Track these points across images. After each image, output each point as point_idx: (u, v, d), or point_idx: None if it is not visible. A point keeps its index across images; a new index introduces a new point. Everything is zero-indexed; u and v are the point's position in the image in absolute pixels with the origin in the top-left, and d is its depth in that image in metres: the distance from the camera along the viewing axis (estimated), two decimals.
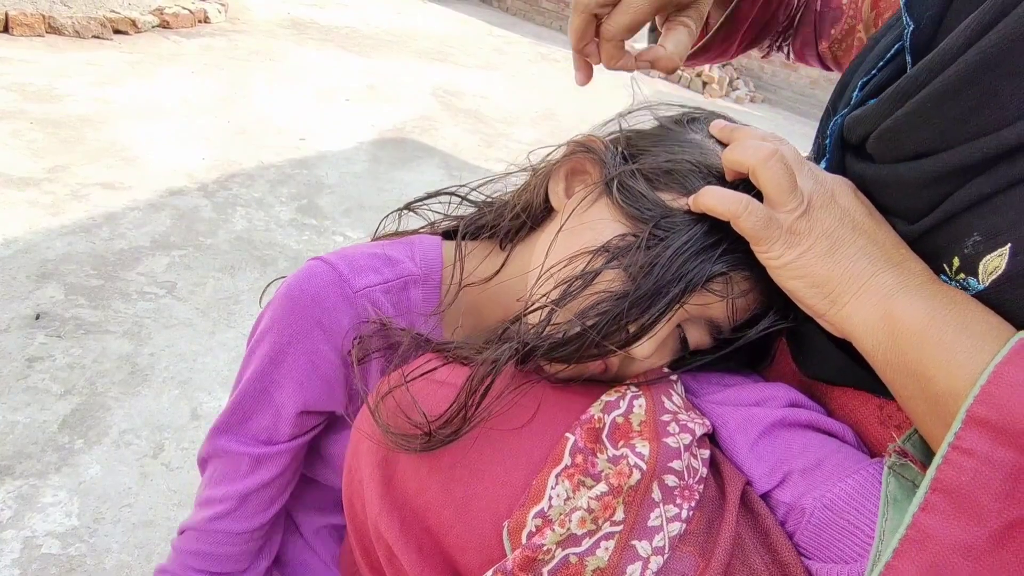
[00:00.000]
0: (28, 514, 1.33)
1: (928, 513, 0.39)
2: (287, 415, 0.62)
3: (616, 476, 0.47)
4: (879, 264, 0.48)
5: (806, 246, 0.49)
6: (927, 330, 0.44)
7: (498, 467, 0.49)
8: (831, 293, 0.49)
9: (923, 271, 0.48)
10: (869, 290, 0.47)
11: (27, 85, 2.88)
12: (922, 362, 0.43)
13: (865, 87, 0.58)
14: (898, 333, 0.45)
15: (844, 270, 0.48)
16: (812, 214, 0.50)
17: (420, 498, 0.50)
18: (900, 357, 0.45)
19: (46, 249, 2.00)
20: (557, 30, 7.69)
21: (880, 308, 0.46)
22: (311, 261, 0.63)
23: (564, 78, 5.69)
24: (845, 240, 0.49)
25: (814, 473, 0.50)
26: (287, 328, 0.60)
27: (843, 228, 0.50)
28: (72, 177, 2.37)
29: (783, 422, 0.53)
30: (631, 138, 0.63)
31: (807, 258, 0.49)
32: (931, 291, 0.46)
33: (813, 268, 0.49)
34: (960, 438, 0.38)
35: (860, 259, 0.48)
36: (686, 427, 0.52)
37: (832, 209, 0.50)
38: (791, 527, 0.49)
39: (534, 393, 0.55)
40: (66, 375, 1.64)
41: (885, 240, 0.50)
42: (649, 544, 0.46)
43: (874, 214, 0.52)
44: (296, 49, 4.40)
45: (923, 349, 0.43)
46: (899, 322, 0.45)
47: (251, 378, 0.62)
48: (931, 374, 0.43)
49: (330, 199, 2.77)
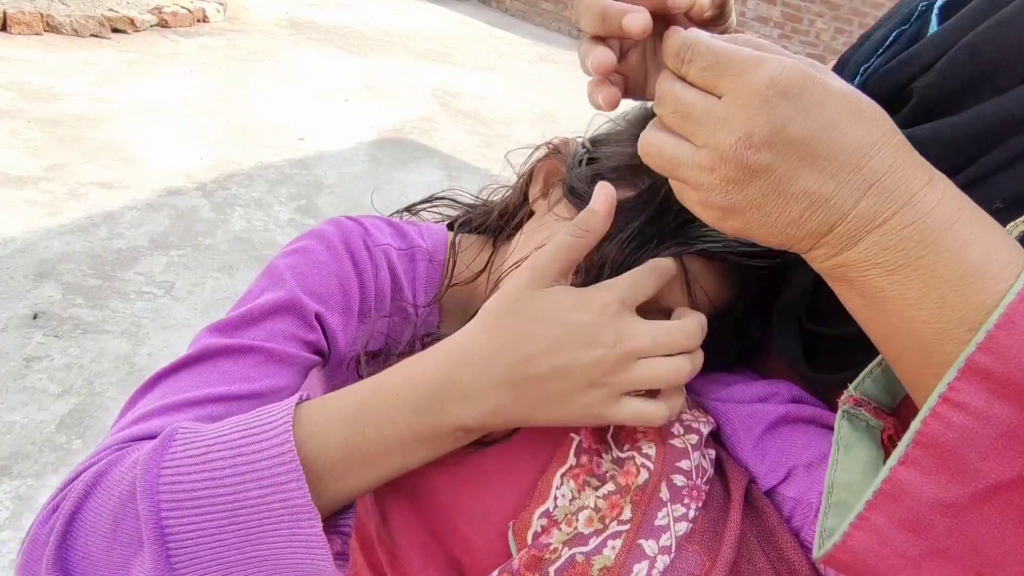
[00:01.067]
0: (26, 514, 1.33)
1: (908, 467, 0.35)
2: (307, 315, 0.56)
3: (624, 476, 0.47)
4: (835, 216, 0.37)
5: (741, 220, 0.39)
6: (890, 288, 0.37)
7: (503, 468, 0.49)
8: (794, 247, 0.40)
9: (896, 192, 0.37)
10: (828, 244, 0.38)
11: (25, 84, 2.88)
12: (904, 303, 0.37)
13: (865, 73, 0.57)
14: (866, 294, 0.38)
15: (797, 227, 0.38)
16: (737, 189, 0.38)
17: (424, 499, 0.49)
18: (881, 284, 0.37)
19: (44, 249, 2.00)
20: (556, 31, 7.69)
21: (836, 264, 0.38)
22: (327, 220, 0.63)
23: (564, 79, 5.70)
24: (783, 201, 0.38)
25: (820, 468, 0.50)
26: (318, 245, 0.58)
27: (780, 170, 0.37)
28: (70, 176, 2.36)
29: (787, 418, 0.53)
30: (599, 139, 0.64)
31: (752, 227, 0.39)
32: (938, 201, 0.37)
33: (762, 232, 0.39)
34: (954, 389, 0.34)
35: (805, 209, 0.37)
36: (691, 427, 0.52)
37: (758, 160, 0.37)
38: (798, 522, 0.49)
39: None
40: (64, 375, 1.64)
41: (849, 162, 0.37)
42: (656, 543, 0.46)
43: (823, 114, 0.37)
44: (295, 49, 4.39)
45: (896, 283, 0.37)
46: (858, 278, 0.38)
47: (264, 284, 0.56)
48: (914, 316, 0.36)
49: (329, 199, 2.77)
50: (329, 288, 0.59)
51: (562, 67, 6.11)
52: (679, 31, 0.42)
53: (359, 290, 0.60)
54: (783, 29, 6.17)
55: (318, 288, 0.58)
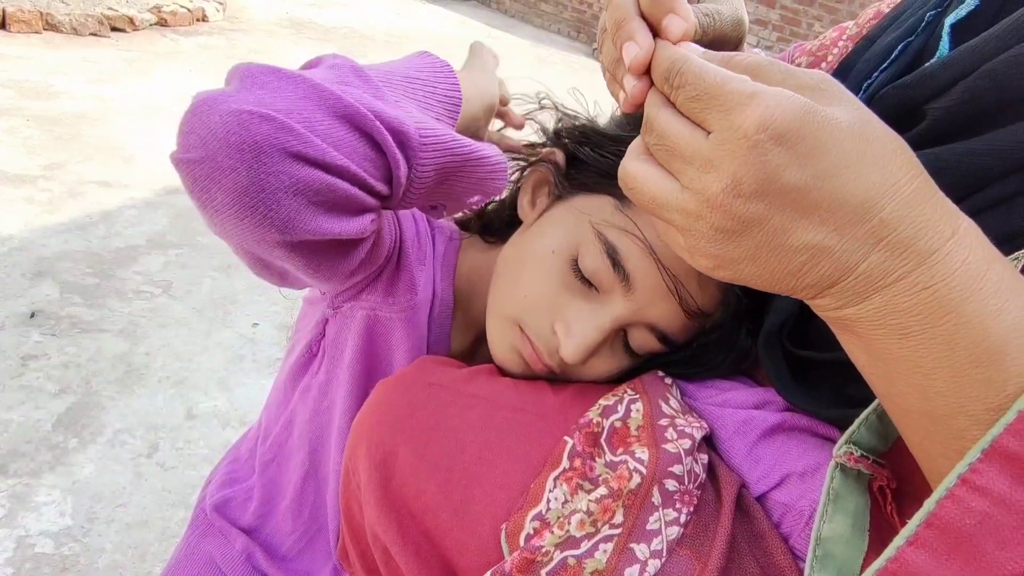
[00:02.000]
0: (22, 513, 1.33)
1: (917, 548, 0.32)
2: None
3: (616, 480, 0.47)
4: (834, 267, 0.33)
5: (733, 271, 0.36)
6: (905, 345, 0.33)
7: (496, 470, 0.49)
8: (794, 295, 0.37)
9: (886, 272, 0.33)
10: (832, 296, 0.35)
11: (24, 82, 2.87)
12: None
13: (868, 89, 0.56)
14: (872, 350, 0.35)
15: (796, 279, 0.35)
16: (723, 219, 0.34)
17: (418, 501, 0.50)
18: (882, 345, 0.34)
19: (42, 247, 2.00)
20: (555, 32, 7.70)
21: (840, 318, 0.35)
22: None
23: (562, 80, 5.70)
24: (779, 241, 0.34)
25: (813, 476, 0.50)
26: None
27: (775, 221, 0.33)
28: (68, 175, 2.36)
29: (782, 426, 0.54)
30: (585, 135, 0.63)
31: (744, 277, 0.36)
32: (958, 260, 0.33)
33: (754, 281, 0.36)
34: (976, 472, 0.31)
35: (808, 271, 0.34)
36: (684, 432, 0.52)
37: (753, 205, 0.33)
38: (787, 528, 0.50)
39: (532, 396, 0.56)
40: (61, 374, 1.64)
41: (853, 211, 0.32)
42: (647, 547, 0.46)
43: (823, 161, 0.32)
44: (295, 49, 4.39)
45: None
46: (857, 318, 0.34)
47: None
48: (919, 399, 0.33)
49: None
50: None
51: (560, 68, 6.11)
52: (668, 48, 0.38)
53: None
54: (782, 32, 6.18)
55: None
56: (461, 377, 0.57)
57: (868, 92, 0.56)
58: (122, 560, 1.30)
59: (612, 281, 0.55)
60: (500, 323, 0.61)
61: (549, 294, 0.57)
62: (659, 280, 0.54)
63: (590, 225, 0.57)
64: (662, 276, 0.54)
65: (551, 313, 0.58)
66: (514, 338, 0.60)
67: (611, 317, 0.56)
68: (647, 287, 0.55)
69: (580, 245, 0.57)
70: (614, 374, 0.61)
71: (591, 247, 0.56)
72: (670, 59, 0.37)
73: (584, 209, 0.58)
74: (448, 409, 0.53)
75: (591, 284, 0.57)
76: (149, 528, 1.37)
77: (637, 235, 0.55)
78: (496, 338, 0.61)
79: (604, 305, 0.57)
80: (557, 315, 0.57)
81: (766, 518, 0.50)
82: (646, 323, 0.57)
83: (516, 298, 0.59)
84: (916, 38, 0.56)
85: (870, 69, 0.56)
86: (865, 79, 0.56)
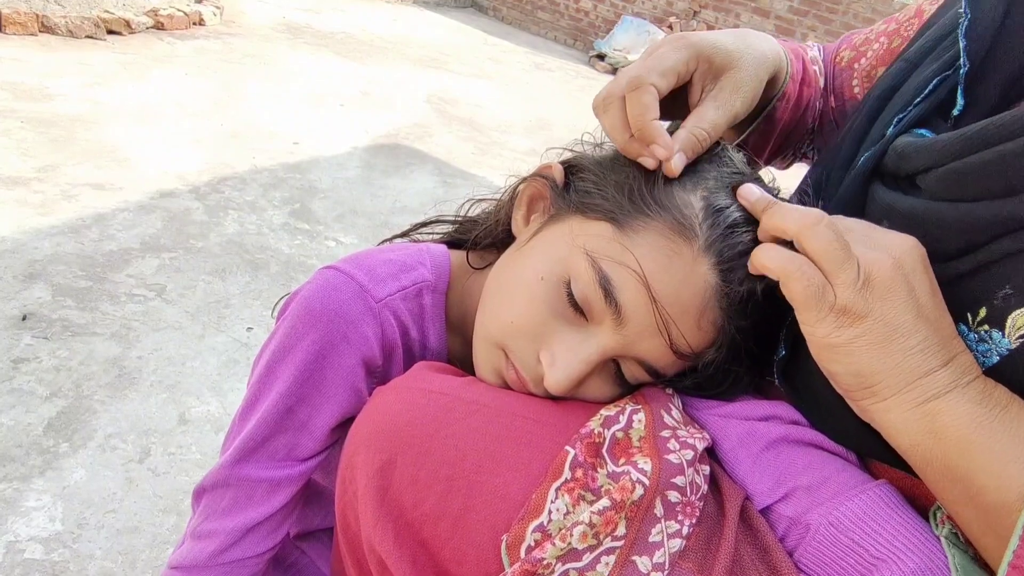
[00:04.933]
0: (11, 518, 1.31)
1: None
2: (316, 433, 0.60)
3: (619, 491, 0.47)
4: (934, 361, 0.43)
5: (860, 330, 0.43)
6: (974, 436, 0.40)
7: (496, 480, 0.48)
8: (874, 385, 0.44)
9: (972, 365, 0.43)
10: (917, 389, 0.43)
11: (18, 84, 2.86)
12: (969, 470, 0.40)
13: (901, 122, 0.55)
14: (941, 436, 0.41)
15: (896, 364, 0.43)
16: (872, 291, 0.43)
17: (416, 510, 0.49)
18: (943, 461, 0.41)
19: (34, 249, 1.98)
20: (552, 40, 7.72)
21: (923, 408, 0.42)
22: (326, 271, 0.60)
23: (558, 87, 5.72)
24: (905, 329, 0.43)
25: (819, 490, 0.49)
26: (313, 345, 0.58)
27: (906, 314, 0.43)
28: (62, 177, 2.35)
29: (787, 439, 0.53)
30: (579, 165, 0.63)
31: (858, 344, 0.44)
32: (980, 392, 0.42)
33: (861, 357, 0.44)
34: (1021, 557, 0.35)
35: (916, 354, 0.43)
36: (686, 443, 0.52)
37: (896, 288, 0.43)
38: (792, 543, 0.49)
39: (533, 402, 0.55)
40: (52, 377, 1.62)
41: (945, 329, 0.44)
42: (650, 560, 0.45)
43: (937, 292, 0.45)
44: (291, 53, 4.39)
45: (970, 457, 0.40)
46: (943, 425, 0.41)
47: (276, 400, 0.59)
48: (980, 483, 0.39)
49: (323, 204, 2.76)
50: (347, 404, 0.61)
51: (556, 76, 6.12)
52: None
53: (366, 377, 0.62)
54: None
55: (339, 409, 0.61)
56: (459, 384, 0.56)
57: (900, 126, 0.55)
58: (112, 567, 1.28)
59: (603, 312, 0.54)
60: (486, 346, 0.60)
61: (536, 322, 0.56)
62: (651, 316, 0.52)
63: (584, 252, 0.54)
64: (654, 313, 0.52)
65: (537, 341, 0.56)
66: (498, 362, 0.58)
67: (599, 349, 0.55)
68: (638, 321, 0.53)
69: (571, 272, 0.55)
70: (606, 399, 0.59)
71: (584, 275, 0.54)
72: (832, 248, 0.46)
73: (579, 234, 0.56)
74: (447, 416, 0.52)
75: (581, 312, 0.55)
76: (140, 534, 1.35)
77: (635, 268, 0.52)
78: (481, 361, 0.60)
79: (592, 336, 0.55)
80: (543, 344, 0.56)
81: (770, 531, 0.50)
82: (634, 356, 0.55)
83: (502, 323, 0.57)
84: (953, 72, 0.55)
85: (905, 102, 0.56)
86: (900, 111, 0.56)
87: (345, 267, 0.60)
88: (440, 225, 0.78)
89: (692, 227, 0.53)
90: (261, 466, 0.60)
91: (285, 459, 0.61)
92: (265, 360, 0.60)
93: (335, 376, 0.59)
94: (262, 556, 0.63)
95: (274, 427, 0.60)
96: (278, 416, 0.59)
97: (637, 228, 0.54)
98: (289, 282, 2.22)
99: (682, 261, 0.52)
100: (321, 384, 0.59)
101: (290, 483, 0.62)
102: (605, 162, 0.61)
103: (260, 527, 0.61)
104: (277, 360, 0.59)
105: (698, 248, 0.53)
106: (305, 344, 0.58)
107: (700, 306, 0.53)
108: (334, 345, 0.58)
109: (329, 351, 0.58)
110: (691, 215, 0.53)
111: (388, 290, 0.61)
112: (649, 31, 6.94)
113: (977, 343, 0.45)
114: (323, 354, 0.58)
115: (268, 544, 0.63)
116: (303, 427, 0.60)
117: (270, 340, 0.61)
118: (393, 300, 0.61)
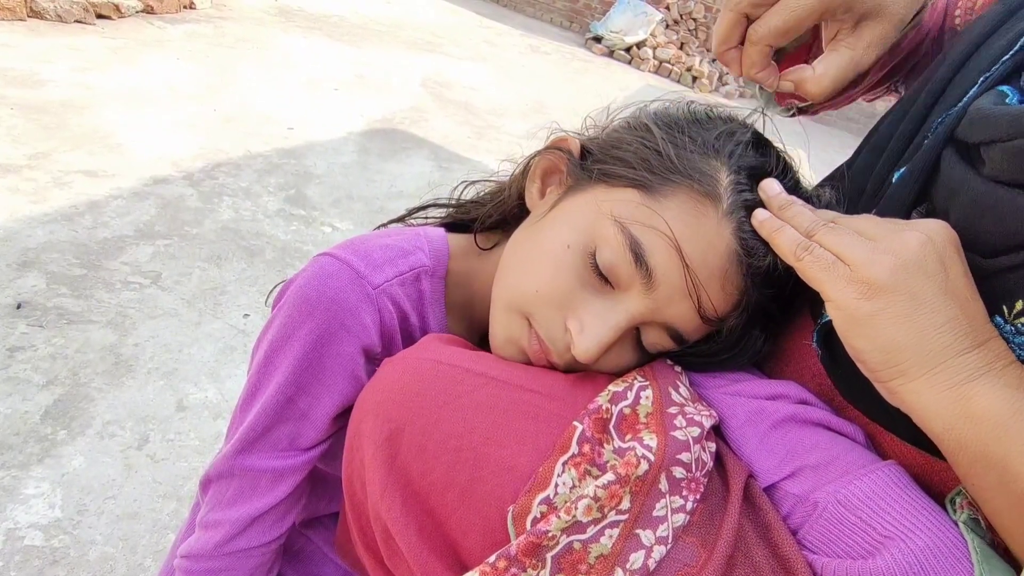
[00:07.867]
0: (10, 506, 1.31)
1: None
2: (318, 422, 0.60)
3: (624, 466, 0.46)
4: (965, 342, 0.41)
5: (884, 302, 0.43)
6: (1012, 422, 0.39)
7: (504, 451, 0.48)
8: (901, 363, 0.43)
9: (1006, 351, 0.42)
10: (948, 370, 0.41)
11: (8, 70, 2.82)
12: (1007, 456, 0.39)
13: (986, 82, 0.51)
14: (977, 421, 0.40)
15: (922, 340, 0.42)
16: (899, 263, 0.43)
17: (424, 479, 0.49)
18: (978, 447, 0.40)
19: (27, 237, 1.97)
20: (548, 22, 7.66)
21: (957, 391, 0.41)
22: (321, 257, 0.60)
23: (554, 70, 5.68)
24: (933, 305, 0.42)
25: (827, 469, 0.49)
26: (311, 334, 0.57)
27: (934, 288, 0.42)
28: (54, 164, 2.32)
29: (795, 418, 0.53)
30: (595, 136, 0.63)
31: (882, 318, 0.43)
32: (1018, 377, 0.41)
33: (886, 330, 0.43)
34: None
35: (945, 333, 0.42)
36: (693, 420, 0.51)
37: (925, 262, 0.42)
38: (797, 520, 0.49)
39: (542, 376, 0.55)
40: (48, 365, 1.61)
41: (977, 313, 0.43)
42: (653, 533, 0.45)
43: (968, 275, 0.44)
44: (283, 37, 4.34)
45: (1008, 443, 0.39)
46: (979, 409, 0.40)
47: (276, 390, 0.58)
48: (1016, 470, 0.38)
49: (318, 189, 2.74)
50: (347, 392, 0.60)
51: (553, 58, 6.08)
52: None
53: (366, 364, 0.61)
54: None
55: (339, 399, 0.60)
56: (469, 356, 0.55)
57: (985, 85, 0.51)
58: (112, 552, 1.28)
59: (631, 277, 0.54)
60: (506, 315, 0.59)
61: (564, 290, 0.55)
62: (681, 279, 0.53)
63: (612, 219, 0.54)
64: (685, 276, 0.53)
65: (564, 309, 0.56)
66: (519, 332, 0.58)
67: (627, 315, 0.54)
68: (669, 284, 0.53)
69: (599, 239, 0.55)
70: (622, 369, 0.59)
71: (611, 241, 0.54)
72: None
73: (605, 200, 0.56)
74: (456, 388, 0.51)
75: (607, 280, 0.55)
76: (140, 520, 1.35)
77: (665, 231, 0.53)
78: (499, 331, 0.59)
79: (620, 302, 0.55)
80: (570, 312, 0.55)
81: (773, 509, 0.49)
82: (662, 322, 0.55)
83: (526, 292, 0.57)
84: (1021, 50, 0.52)
85: (991, 61, 0.53)
86: (984, 71, 0.53)
87: (341, 253, 0.59)
88: (437, 209, 0.76)
89: (716, 192, 0.54)
90: (264, 456, 0.60)
91: (287, 449, 0.60)
92: (263, 350, 0.60)
93: (334, 364, 0.58)
94: (268, 546, 0.63)
95: (275, 417, 0.59)
96: (278, 406, 0.59)
97: (666, 193, 0.54)
98: (285, 268, 2.21)
99: (709, 224, 0.53)
100: (320, 373, 0.58)
101: (293, 472, 0.61)
102: (623, 130, 0.61)
103: (265, 517, 0.61)
104: (275, 350, 0.59)
105: (723, 212, 0.53)
106: (302, 333, 0.57)
107: (724, 268, 0.53)
108: (332, 333, 0.57)
109: (327, 339, 0.57)
110: (717, 179, 0.54)
111: (385, 276, 0.60)
112: (646, 12, 6.88)
113: (1014, 336, 0.44)
114: (321, 343, 0.57)
115: (274, 533, 0.63)
116: (304, 416, 0.59)
117: (267, 329, 0.60)
118: (391, 286, 0.61)
